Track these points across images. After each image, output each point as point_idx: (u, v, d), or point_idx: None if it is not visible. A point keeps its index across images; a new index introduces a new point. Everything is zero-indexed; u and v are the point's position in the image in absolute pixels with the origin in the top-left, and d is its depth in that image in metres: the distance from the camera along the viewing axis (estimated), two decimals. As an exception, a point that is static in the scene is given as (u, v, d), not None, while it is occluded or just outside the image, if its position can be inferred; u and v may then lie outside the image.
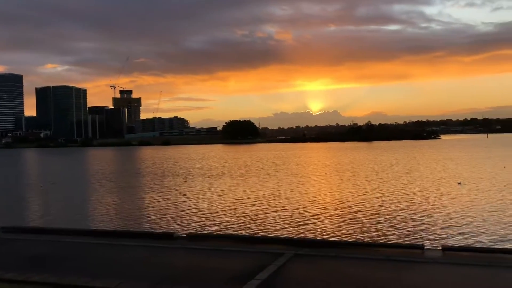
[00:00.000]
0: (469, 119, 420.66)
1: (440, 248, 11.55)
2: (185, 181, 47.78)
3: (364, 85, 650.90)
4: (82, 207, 32.48)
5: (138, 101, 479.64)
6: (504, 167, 56.13)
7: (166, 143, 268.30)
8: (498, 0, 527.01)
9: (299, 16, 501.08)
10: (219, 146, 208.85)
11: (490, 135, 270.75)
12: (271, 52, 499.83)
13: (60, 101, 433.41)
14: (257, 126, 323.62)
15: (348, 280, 9.13)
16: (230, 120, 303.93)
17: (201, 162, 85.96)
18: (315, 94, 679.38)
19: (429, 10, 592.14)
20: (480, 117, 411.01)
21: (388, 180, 44.79)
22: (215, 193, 37.40)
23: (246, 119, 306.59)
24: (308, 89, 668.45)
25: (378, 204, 30.08)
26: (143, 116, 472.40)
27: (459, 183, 40.11)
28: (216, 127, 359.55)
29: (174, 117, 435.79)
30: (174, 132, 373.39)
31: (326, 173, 54.94)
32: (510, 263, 10.09)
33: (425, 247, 11.69)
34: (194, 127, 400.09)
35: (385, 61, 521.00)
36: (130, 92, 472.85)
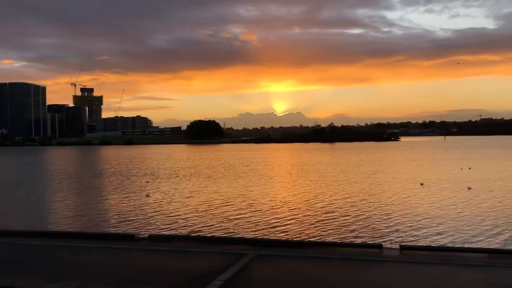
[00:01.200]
0: (427, 121, 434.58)
1: (398, 247, 11.90)
2: (147, 182, 47.07)
3: (327, 87, 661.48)
4: (41, 208, 31.49)
5: (99, 99, 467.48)
6: (461, 169, 58.42)
7: (129, 142, 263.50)
8: (455, 8, 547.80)
9: (264, 18, 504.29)
10: (184, 146, 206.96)
11: (447, 137, 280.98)
12: (237, 53, 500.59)
13: (17, 98, 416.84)
14: (222, 126, 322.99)
15: (307, 280, 9.29)
16: (195, 120, 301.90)
17: (165, 162, 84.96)
18: (280, 95, 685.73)
19: (391, 15, 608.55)
20: (438, 120, 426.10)
21: (352, 181, 45.67)
22: (180, 194, 37.07)
23: (211, 119, 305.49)
24: (273, 90, 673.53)
25: (341, 205, 30.65)
26: (105, 115, 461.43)
27: (422, 184, 41.46)
28: (180, 127, 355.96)
29: (137, 116, 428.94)
30: (137, 131, 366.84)
31: (290, 174, 55.49)
32: (464, 261, 10.53)
33: (383, 247, 12.02)
34: (158, 127, 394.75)
35: (348, 64, 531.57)
36: (91, 90, 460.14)
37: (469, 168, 58.79)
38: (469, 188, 37.68)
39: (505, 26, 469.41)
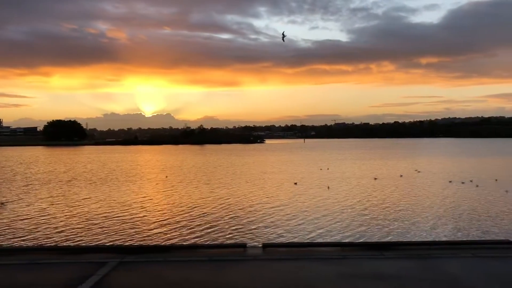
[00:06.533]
0: (289, 125, 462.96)
1: (261, 245, 12.37)
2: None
3: (197, 90, 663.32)
4: None
5: None
6: (328, 169, 63.54)
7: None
8: (315, 20, 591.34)
9: (133, 16, 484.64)
10: (40, 148, 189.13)
11: (307, 140, 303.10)
12: (103, 50, 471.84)
13: None
14: (85, 127, 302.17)
15: (171, 284, 9.17)
16: (53, 120, 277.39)
17: (19, 166, 76.71)
18: (149, 96, 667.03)
19: (258, 23, 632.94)
20: (298, 124, 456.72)
21: (224, 183, 46.43)
22: (38, 202, 33.81)
23: (72, 119, 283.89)
24: (141, 90, 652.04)
25: (210, 206, 30.96)
26: None
27: (295, 183, 44.42)
28: (36, 127, 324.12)
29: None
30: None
31: (148, 178, 54.35)
32: (319, 255, 11.36)
33: (247, 245, 12.38)
34: (9, 127, 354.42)
35: (217, 67, 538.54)
36: None
37: (328, 169, 64.09)
38: (328, 188, 41.07)
39: (357, 39, 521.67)
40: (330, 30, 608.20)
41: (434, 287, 8.96)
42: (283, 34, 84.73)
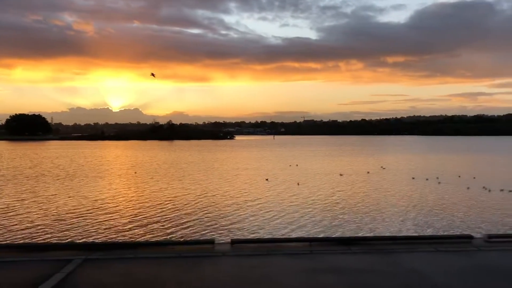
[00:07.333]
0: (259, 121, 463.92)
1: (230, 241, 12.42)
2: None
3: (166, 85, 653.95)
4: None
5: None
6: (297, 165, 64.07)
7: None
8: (285, 18, 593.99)
9: (101, 8, 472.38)
10: (2, 143, 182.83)
11: (276, 136, 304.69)
12: (69, 43, 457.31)
13: None
14: (50, 121, 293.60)
15: (139, 281, 9.11)
16: (16, 114, 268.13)
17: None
18: (116, 90, 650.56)
19: (228, 19, 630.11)
20: (268, 120, 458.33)
21: (195, 179, 46.14)
22: (3, 199, 32.76)
23: (36, 113, 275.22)
24: (108, 84, 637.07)
25: (180, 203, 30.76)
26: None
27: (266, 179, 44.75)
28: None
29: None
30: None
31: (118, 174, 53.57)
32: (287, 250, 11.50)
33: (215, 242, 12.40)
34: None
35: (187, 62, 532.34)
36: None
37: (297, 165, 64.66)
38: (298, 184, 41.48)
39: (326, 38, 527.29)
40: (300, 28, 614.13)
41: (397, 280, 9.24)
42: (152, 74, 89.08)
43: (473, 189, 37.39)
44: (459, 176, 47.53)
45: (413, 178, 46.41)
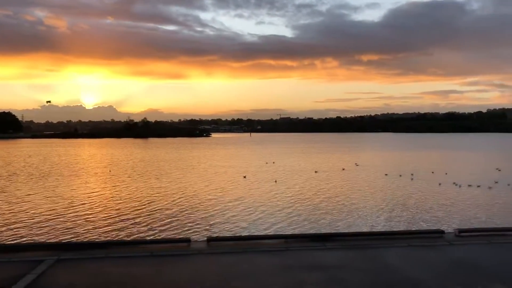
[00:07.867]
0: (236, 119, 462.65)
1: (206, 239, 12.34)
2: None
3: (141, 82, 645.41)
4: None
5: None
6: (274, 163, 64.23)
7: None
8: (261, 15, 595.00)
9: (73, 4, 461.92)
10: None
11: (253, 134, 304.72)
12: (41, 38, 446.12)
13: None
14: (20, 119, 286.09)
15: (111, 280, 8.96)
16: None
17: None
18: (90, 87, 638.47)
19: (204, 16, 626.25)
20: (245, 118, 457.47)
21: (172, 177, 45.76)
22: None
23: (6, 111, 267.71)
24: (82, 81, 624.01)
25: (156, 201, 30.47)
26: None
27: (244, 177, 44.70)
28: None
29: None
30: None
31: (93, 172, 52.74)
32: (263, 247, 11.51)
33: (191, 240, 12.30)
34: None
35: (162, 59, 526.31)
36: None
37: (273, 162, 64.87)
38: (275, 181, 41.63)
39: (301, 36, 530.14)
40: (276, 26, 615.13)
41: (371, 275, 9.36)
42: (48, 101, 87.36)
43: (444, 185, 38.25)
44: (433, 172, 48.54)
45: (386, 174, 47.15)
